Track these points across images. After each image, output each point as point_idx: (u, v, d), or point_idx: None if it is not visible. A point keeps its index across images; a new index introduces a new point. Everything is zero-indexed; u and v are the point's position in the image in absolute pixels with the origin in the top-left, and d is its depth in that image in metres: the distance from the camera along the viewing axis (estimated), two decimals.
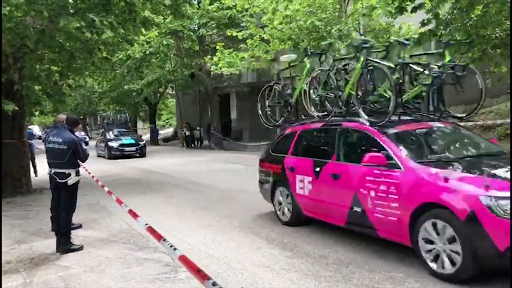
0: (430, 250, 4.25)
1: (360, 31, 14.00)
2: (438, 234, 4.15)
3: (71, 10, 8.91)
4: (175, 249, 3.26)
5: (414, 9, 11.04)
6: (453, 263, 4.02)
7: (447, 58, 5.49)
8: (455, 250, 3.99)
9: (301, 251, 5.28)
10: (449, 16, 11.10)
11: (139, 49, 22.06)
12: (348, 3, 14.32)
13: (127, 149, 20.81)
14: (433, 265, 4.21)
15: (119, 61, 23.29)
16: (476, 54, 11.22)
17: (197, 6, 18.40)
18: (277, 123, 7.73)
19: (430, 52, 7.34)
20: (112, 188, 7.39)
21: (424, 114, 5.60)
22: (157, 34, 20.35)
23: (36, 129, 45.00)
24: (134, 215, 4.81)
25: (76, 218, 6.15)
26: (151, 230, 4.01)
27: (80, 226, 6.81)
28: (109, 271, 4.88)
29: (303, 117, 6.93)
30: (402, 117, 5.50)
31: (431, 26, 11.63)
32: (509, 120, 14.59)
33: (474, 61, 11.41)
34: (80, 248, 5.72)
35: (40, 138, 28.24)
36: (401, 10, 11.05)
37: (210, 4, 20.83)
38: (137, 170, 15.56)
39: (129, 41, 10.86)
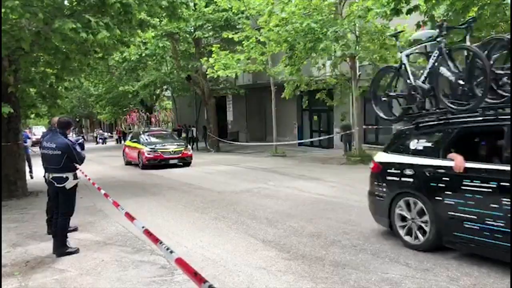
0: None
1: (355, 33, 14.04)
2: None
3: (66, 12, 8.89)
4: (171, 251, 3.25)
5: (409, 11, 11.10)
6: None
7: None
8: None
9: (297, 253, 5.28)
10: (444, 18, 11.16)
11: (135, 51, 22.01)
12: (343, 5, 14.36)
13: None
14: None
15: (115, 63, 23.24)
16: None
17: (193, 8, 18.34)
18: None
19: None
20: (108, 191, 7.36)
21: None
22: (153, 36, 20.31)
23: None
24: (131, 218, 4.79)
25: (72, 221, 6.12)
26: (147, 233, 3.99)
27: (76, 229, 6.78)
28: (105, 274, 4.86)
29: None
30: None
31: (426, 28, 11.70)
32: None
33: None
34: (76, 251, 5.69)
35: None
36: (396, 11, 11.11)
37: (206, 7, 20.83)
38: (133, 173, 15.52)
39: (125, 42, 10.85)
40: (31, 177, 13.24)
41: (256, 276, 4.57)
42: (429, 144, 5.26)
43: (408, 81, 5.64)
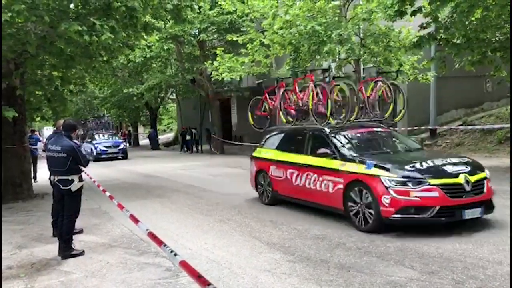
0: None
1: (360, 36, 14.02)
2: None
3: (72, 16, 8.94)
4: (175, 254, 3.26)
5: (413, 13, 11.08)
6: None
7: None
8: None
9: (302, 255, 5.28)
10: (448, 20, 11.14)
11: (140, 53, 22.10)
12: (348, 7, 14.35)
13: None
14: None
15: (120, 65, 23.31)
16: (476, 57, 11.26)
17: (197, 11, 18.39)
18: None
19: None
20: (113, 193, 7.39)
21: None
22: (157, 39, 20.35)
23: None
24: (136, 220, 4.82)
25: (77, 223, 6.15)
26: (151, 235, 4.01)
27: (81, 231, 6.81)
28: (110, 276, 4.88)
29: None
30: None
31: (430, 29, 11.67)
32: (509, 125, 14.58)
33: (474, 64, 11.46)
34: (81, 253, 5.72)
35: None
36: (401, 13, 11.11)
37: (210, 9, 20.89)
38: (137, 175, 15.56)
39: (130, 46, 10.89)
40: (35, 181, 13.30)
41: (261, 278, 4.57)
42: None
43: None
